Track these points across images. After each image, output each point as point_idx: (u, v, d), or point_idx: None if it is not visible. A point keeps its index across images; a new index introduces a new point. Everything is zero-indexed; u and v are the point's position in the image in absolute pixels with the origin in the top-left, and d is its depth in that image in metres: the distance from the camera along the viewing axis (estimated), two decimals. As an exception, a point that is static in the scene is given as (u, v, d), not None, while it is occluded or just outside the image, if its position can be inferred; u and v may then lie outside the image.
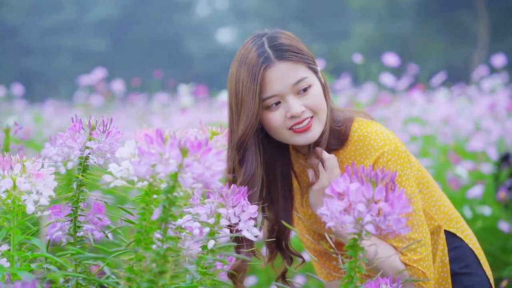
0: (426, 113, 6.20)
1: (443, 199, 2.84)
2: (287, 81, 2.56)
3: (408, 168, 2.62)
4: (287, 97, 2.57)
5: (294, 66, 2.57)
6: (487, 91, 6.76)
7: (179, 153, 1.89)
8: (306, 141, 2.62)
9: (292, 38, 2.65)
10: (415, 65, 7.30)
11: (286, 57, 2.57)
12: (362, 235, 1.97)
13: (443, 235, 2.79)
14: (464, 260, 2.81)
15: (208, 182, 1.91)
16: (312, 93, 2.59)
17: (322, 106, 2.61)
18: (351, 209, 1.97)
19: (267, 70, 2.55)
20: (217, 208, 2.21)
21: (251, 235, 2.22)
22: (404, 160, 2.61)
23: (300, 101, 2.57)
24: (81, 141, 2.24)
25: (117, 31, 33.07)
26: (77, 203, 2.27)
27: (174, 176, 1.90)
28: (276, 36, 2.62)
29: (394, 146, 2.60)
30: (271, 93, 2.57)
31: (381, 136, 2.62)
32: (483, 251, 2.91)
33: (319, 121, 2.61)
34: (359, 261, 2.02)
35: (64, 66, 31.07)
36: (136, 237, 1.99)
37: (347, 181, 2.01)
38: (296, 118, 2.57)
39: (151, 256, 1.91)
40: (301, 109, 2.56)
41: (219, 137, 2.63)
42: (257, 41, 2.63)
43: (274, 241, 2.86)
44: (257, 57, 2.57)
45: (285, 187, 2.82)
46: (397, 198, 1.97)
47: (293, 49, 2.59)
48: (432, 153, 5.72)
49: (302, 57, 2.60)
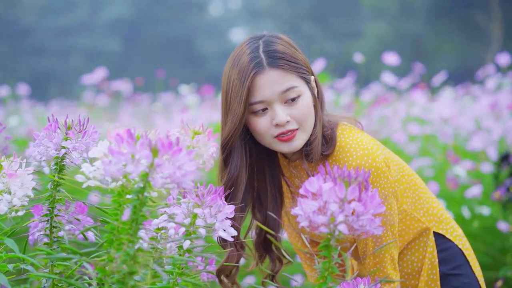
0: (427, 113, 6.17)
1: (431, 201, 2.81)
2: (276, 88, 2.55)
3: (386, 183, 2.59)
4: (274, 105, 2.56)
5: (285, 74, 2.56)
6: (492, 90, 6.72)
7: (150, 153, 1.87)
8: (288, 150, 2.61)
9: (288, 45, 2.62)
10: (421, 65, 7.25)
11: (278, 65, 2.55)
12: (335, 235, 1.96)
13: (432, 237, 2.77)
14: (453, 261, 2.79)
15: (180, 182, 1.89)
16: (300, 103, 2.57)
17: (308, 117, 2.59)
18: (324, 209, 1.96)
19: (257, 75, 2.54)
20: (193, 208, 2.20)
21: (228, 235, 2.20)
22: (381, 174, 2.58)
23: (287, 110, 2.56)
24: (57, 140, 2.23)
25: (130, 31, 33.11)
26: (53, 203, 2.25)
27: (144, 176, 1.89)
28: (273, 41, 2.61)
29: (372, 158, 2.57)
30: (259, 99, 2.56)
31: (361, 145, 2.60)
32: (482, 252, 2.88)
33: (304, 132, 2.60)
34: (333, 262, 2.00)
35: (77, 66, 31.12)
36: (108, 238, 1.98)
37: (321, 181, 1.99)
38: (280, 127, 2.57)
39: (121, 256, 1.90)
40: (286, 118, 2.55)
41: (201, 136, 2.61)
42: (253, 43, 2.61)
43: (262, 244, 2.85)
44: (249, 61, 2.56)
45: (275, 190, 2.81)
46: (370, 198, 1.96)
47: (287, 57, 2.57)
48: (433, 152, 5.68)
49: (295, 66, 2.58)
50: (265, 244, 2.86)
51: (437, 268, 2.75)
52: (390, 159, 2.68)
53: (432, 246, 2.76)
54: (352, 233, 1.96)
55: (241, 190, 2.64)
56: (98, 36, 32.39)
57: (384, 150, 2.67)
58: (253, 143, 2.70)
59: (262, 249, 2.86)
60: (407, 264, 2.78)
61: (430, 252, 2.76)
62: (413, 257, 2.77)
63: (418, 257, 2.77)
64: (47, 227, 2.26)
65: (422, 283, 2.76)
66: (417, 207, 2.77)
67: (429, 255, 2.76)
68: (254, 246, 2.87)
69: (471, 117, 6.19)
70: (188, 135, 2.64)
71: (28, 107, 9.39)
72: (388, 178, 2.60)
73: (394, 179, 2.66)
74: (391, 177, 2.62)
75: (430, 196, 2.83)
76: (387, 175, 2.59)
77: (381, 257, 2.63)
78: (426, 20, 29.59)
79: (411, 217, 2.75)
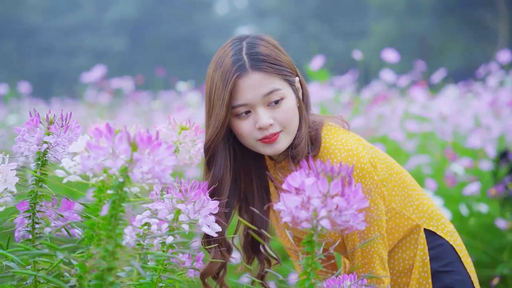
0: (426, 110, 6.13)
1: (421, 198, 2.79)
2: (258, 91, 2.52)
3: (371, 183, 2.57)
4: (257, 108, 2.53)
5: (267, 77, 2.53)
6: (493, 87, 6.68)
7: (128, 147, 1.85)
8: (271, 152, 2.59)
9: (272, 47, 2.60)
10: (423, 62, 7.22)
11: (261, 68, 2.52)
12: (318, 230, 1.93)
13: (423, 234, 2.74)
14: (444, 258, 2.76)
15: (159, 176, 1.87)
16: (283, 106, 2.55)
17: (292, 120, 2.57)
18: (307, 204, 1.93)
19: (240, 78, 2.52)
20: (177, 204, 2.17)
21: (211, 231, 2.18)
22: (366, 174, 2.55)
23: (270, 113, 2.54)
24: (39, 135, 2.20)
25: (135, 31, 33.13)
26: (36, 199, 2.22)
27: (123, 171, 1.87)
28: (256, 43, 2.58)
29: (357, 159, 2.54)
30: (241, 102, 2.53)
31: (345, 146, 2.57)
32: (480, 250, 2.86)
33: (288, 134, 2.58)
34: (316, 258, 1.97)
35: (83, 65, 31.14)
36: (87, 234, 1.95)
37: (303, 176, 1.97)
38: (264, 131, 2.54)
39: (100, 252, 1.88)
40: (269, 121, 2.53)
41: (188, 132, 2.59)
42: (236, 45, 2.58)
43: (250, 245, 2.84)
44: (231, 63, 2.54)
45: (262, 191, 2.80)
46: (353, 193, 1.93)
47: (270, 59, 2.54)
48: (432, 150, 5.65)
49: (278, 68, 2.55)
50: (253, 245, 2.84)
51: (428, 265, 2.73)
52: (376, 158, 2.65)
53: (423, 244, 2.74)
54: (335, 229, 1.94)
55: (225, 193, 2.63)
56: (103, 35, 32.41)
57: (370, 150, 2.65)
58: (238, 144, 2.68)
59: (250, 250, 2.85)
60: (398, 262, 2.75)
61: (421, 249, 2.74)
62: (404, 255, 2.75)
63: (409, 254, 2.74)
64: (29, 223, 2.24)
65: (413, 280, 2.73)
66: (407, 204, 2.74)
67: (420, 253, 2.74)
68: (242, 248, 2.85)
69: (471, 115, 6.15)
70: (175, 131, 2.63)
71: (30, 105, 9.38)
72: (374, 178, 2.57)
73: (381, 178, 2.64)
74: (377, 177, 2.59)
75: (420, 193, 2.81)
76: (373, 175, 2.57)
77: (370, 257, 2.60)
78: (432, 19, 29.53)
79: (400, 215, 2.72)
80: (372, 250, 2.60)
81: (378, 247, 2.60)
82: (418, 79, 6.87)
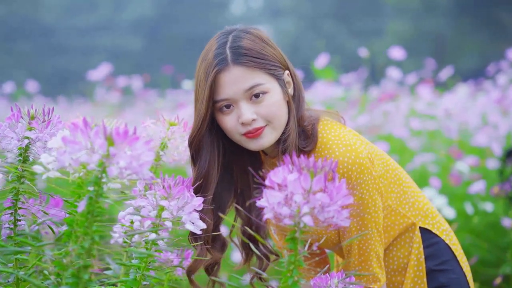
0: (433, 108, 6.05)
1: (416, 195, 2.73)
2: (239, 86, 2.47)
3: (369, 179, 2.52)
4: (239, 103, 2.48)
5: (249, 71, 2.47)
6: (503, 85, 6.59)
7: (104, 142, 1.81)
8: (256, 148, 2.54)
9: (258, 40, 2.53)
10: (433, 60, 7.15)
11: (242, 62, 2.47)
12: (300, 227, 1.88)
13: (418, 233, 2.69)
14: (440, 257, 2.71)
15: (137, 172, 1.83)
16: (266, 100, 2.49)
17: (276, 114, 2.50)
18: (290, 200, 1.89)
19: (220, 73, 2.48)
20: (160, 200, 2.13)
21: (195, 228, 2.13)
22: (365, 170, 2.50)
23: (253, 108, 2.48)
24: (20, 130, 2.17)
25: (152, 30, 33.14)
26: (18, 195, 2.18)
27: (101, 166, 1.82)
28: (240, 36, 2.52)
29: (355, 154, 2.49)
30: (223, 97, 2.49)
31: (343, 141, 2.52)
32: (485, 249, 2.81)
33: (273, 129, 2.52)
34: (299, 255, 1.93)
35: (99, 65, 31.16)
36: (66, 231, 1.92)
37: (286, 172, 1.92)
38: (247, 126, 2.49)
39: (76, 250, 1.83)
40: (252, 116, 2.47)
41: (176, 128, 2.55)
42: (222, 38, 2.54)
43: (247, 242, 2.78)
44: (213, 57, 2.50)
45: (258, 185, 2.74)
46: (337, 189, 1.88)
47: (253, 53, 2.48)
48: (437, 148, 5.57)
49: (261, 62, 2.49)
50: (250, 241, 2.78)
51: (423, 264, 2.68)
52: (374, 153, 2.61)
53: (418, 242, 2.69)
54: (319, 226, 1.90)
55: (211, 188, 2.58)
56: (119, 35, 32.45)
57: (367, 145, 2.60)
58: (229, 139, 2.63)
59: (248, 247, 2.80)
60: (393, 261, 2.70)
61: (416, 248, 2.68)
62: (398, 253, 2.69)
63: (404, 253, 2.69)
64: (11, 220, 2.20)
65: (408, 279, 2.68)
66: (402, 202, 2.69)
67: (415, 251, 2.68)
68: (240, 245, 2.81)
69: (477, 113, 6.07)
70: (164, 127, 2.59)
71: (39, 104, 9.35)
72: (372, 174, 2.52)
73: (379, 174, 2.59)
74: (375, 173, 2.55)
75: (415, 190, 2.75)
76: (371, 171, 2.52)
77: (366, 255, 2.56)
78: (448, 18, 29.37)
79: (396, 213, 2.67)
80: (369, 247, 2.55)
81: (375, 244, 2.56)
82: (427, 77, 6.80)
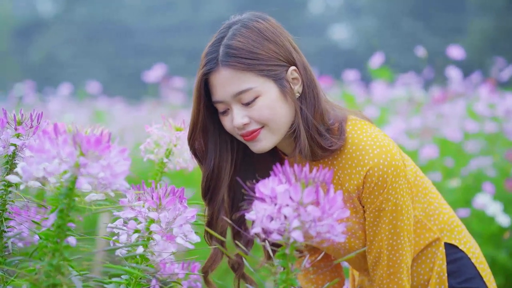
0: (492, 109, 5.75)
1: (441, 207, 2.53)
2: (228, 90, 2.30)
3: (404, 183, 2.33)
4: (231, 106, 2.32)
5: (237, 74, 2.28)
6: None
7: (74, 151, 1.67)
8: (259, 150, 2.36)
9: (253, 36, 2.33)
10: (502, 59, 6.85)
11: (230, 64, 2.28)
12: (290, 242, 1.72)
13: (443, 249, 2.49)
14: (464, 274, 2.50)
15: (109, 183, 1.69)
16: (258, 104, 2.29)
17: (271, 117, 2.30)
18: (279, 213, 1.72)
19: (211, 74, 2.32)
20: (149, 212, 1.98)
21: (187, 243, 1.98)
22: (400, 173, 2.31)
23: (245, 111, 2.31)
24: (5, 137, 2.05)
25: (230, 30, 33.25)
26: (5, 205, 2.07)
27: (71, 177, 1.69)
28: (235, 34, 2.33)
29: (390, 155, 2.30)
30: (216, 99, 2.34)
31: (376, 142, 2.32)
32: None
33: (272, 132, 2.33)
34: (291, 273, 1.76)
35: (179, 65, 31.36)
36: (40, 245, 1.79)
37: (275, 182, 1.75)
38: (241, 129, 2.33)
39: (43, 267, 1.70)
40: (242, 121, 2.30)
41: (181, 133, 2.40)
42: (223, 32, 2.36)
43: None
44: (205, 56, 2.34)
45: None
46: (330, 201, 1.71)
47: (243, 53, 2.29)
48: (497, 152, 5.27)
49: (252, 63, 2.28)
50: None
51: (445, 283, 2.47)
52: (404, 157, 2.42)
53: (441, 259, 2.48)
54: (312, 242, 1.73)
55: (223, 186, 2.43)
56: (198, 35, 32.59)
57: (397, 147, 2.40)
58: None
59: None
60: (413, 276, 2.50)
61: (439, 265, 2.48)
62: (419, 269, 2.49)
63: (425, 269, 2.49)
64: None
65: None
66: (428, 213, 2.48)
67: (438, 268, 2.48)
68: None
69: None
70: (169, 132, 2.45)
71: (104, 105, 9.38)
72: (406, 178, 2.34)
73: (411, 179, 2.40)
74: (409, 177, 2.35)
75: (441, 201, 2.54)
76: (406, 174, 2.33)
77: (397, 266, 2.37)
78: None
79: (422, 225, 2.47)
80: (400, 258, 2.36)
81: (406, 255, 2.37)
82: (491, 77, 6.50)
